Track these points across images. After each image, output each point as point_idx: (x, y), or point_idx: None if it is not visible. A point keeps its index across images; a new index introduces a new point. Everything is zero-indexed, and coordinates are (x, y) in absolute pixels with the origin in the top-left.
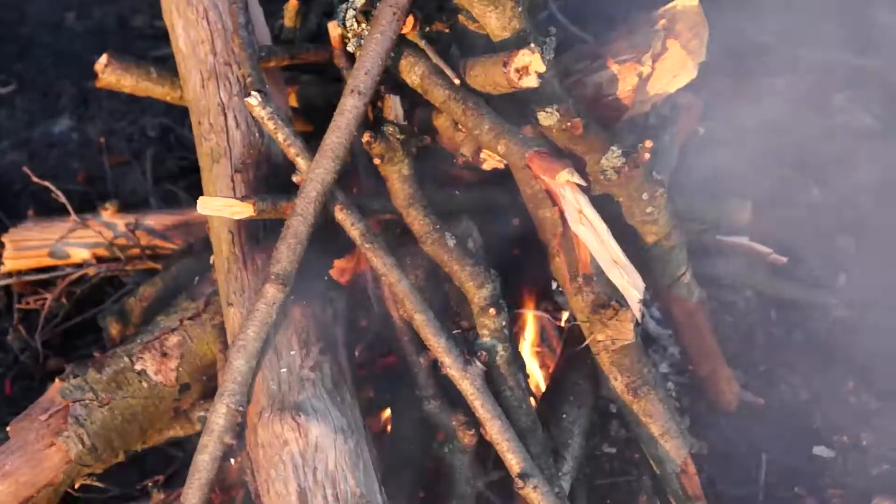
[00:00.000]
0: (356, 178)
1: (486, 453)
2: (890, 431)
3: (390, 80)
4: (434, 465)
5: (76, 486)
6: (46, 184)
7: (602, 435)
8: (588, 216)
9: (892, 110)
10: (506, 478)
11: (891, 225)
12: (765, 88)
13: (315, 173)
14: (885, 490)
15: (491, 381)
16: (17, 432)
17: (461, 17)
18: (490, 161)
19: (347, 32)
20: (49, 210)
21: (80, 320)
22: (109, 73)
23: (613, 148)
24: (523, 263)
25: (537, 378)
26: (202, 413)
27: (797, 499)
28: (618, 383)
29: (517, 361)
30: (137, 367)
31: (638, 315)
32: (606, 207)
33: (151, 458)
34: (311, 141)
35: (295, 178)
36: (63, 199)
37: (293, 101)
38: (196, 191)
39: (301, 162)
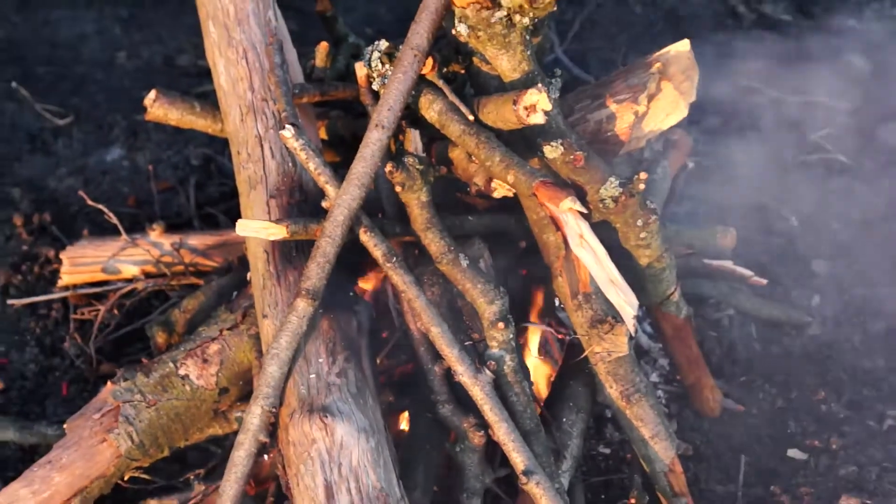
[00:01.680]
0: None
1: (493, 452)
2: (856, 437)
3: (411, 115)
4: (447, 462)
5: (125, 478)
6: (100, 206)
7: (598, 437)
8: (588, 240)
9: (863, 148)
10: (511, 474)
11: (860, 252)
12: (750, 127)
13: (342, 199)
14: (852, 489)
15: (499, 388)
16: (73, 429)
17: (475, 60)
18: (500, 190)
19: (373, 72)
20: (102, 230)
21: (130, 329)
22: (157, 108)
23: (612, 179)
24: (529, 282)
25: (540, 385)
26: (239, 414)
27: (772, 496)
28: (613, 391)
29: (523, 370)
30: (181, 372)
31: (632, 330)
32: (604, 233)
33: (193, 453)
34: (339, 170)
35: (324, 204)
36: (115, 220)
37: (323, 134)
38: (235, 214)
39: (330, 189)
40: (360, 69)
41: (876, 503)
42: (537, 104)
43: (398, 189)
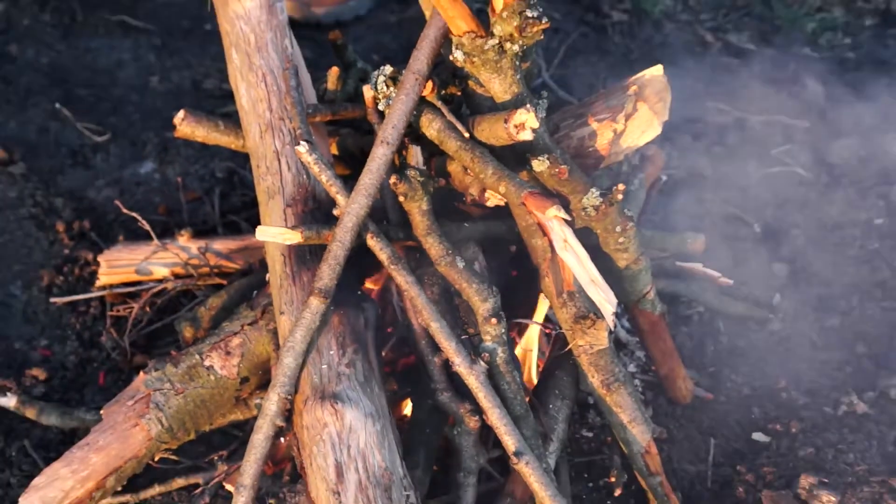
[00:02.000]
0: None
1: (487, 435)
2: (814, 422)
3: (412, 133)
4: (445, 444)
5: (155, 459)
6: (134, 214)
7: (581, 421)
8: (572, 244)
9: (818, 162)
10: (503, 455)
11: (816, 256)
12: (717, 143)
13: (351, 208)
14: (810, 469)
15: (492, 377)
16: (108, 415)
17: (470, 83)
18: (493, 199)
19: (378, 94)
20: (136, 236)
21: (160, 325)
22: (185, 126)
23: (593, 190)
24: (519, 282)
25: (530, 375)
26: (258, 401)
27: (739, 475)
28: (594, 380)
29: (513, 361)
30: (206, 363)
31: (611, 325)
32: (586, 238)
33: (216, 436)
34: (349, 182)
35: (335, 212)
36: (147, 227)
37: (334, 150)
38: (255, 221)
39: (340, 199)
40: (368, 91)
41: (832, 481)
42: (526, 123)
43: (401, 198)
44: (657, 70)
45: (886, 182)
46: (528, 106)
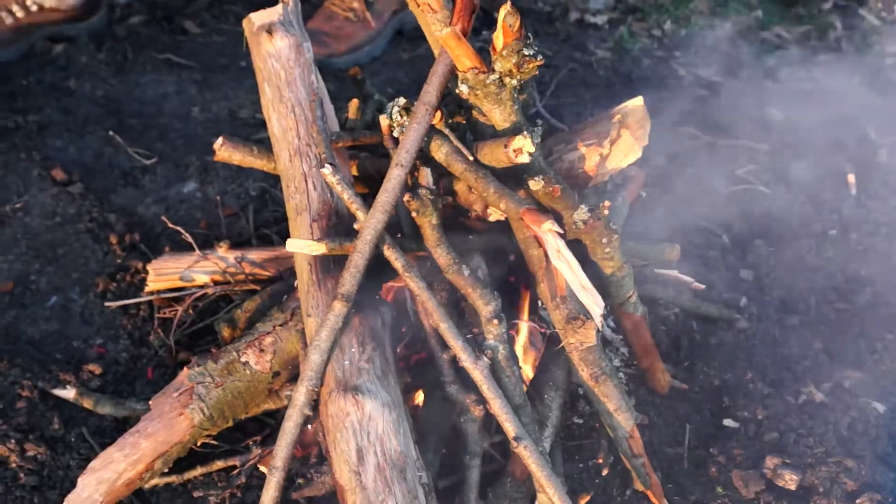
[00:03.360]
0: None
1: (489, 422)
2: (777, 409)
3: (423, 156)
4: (453, 430)
5: (197, 444)
6: (178, 228)
7: (573, 410)
8: (564, 254)
9: (778, 180)
10: (504, 440)
11: (777, 263)
12: (690, 165)
13: (370, 223)
14: (774, 451)
15: (494, 371)
16: (156, 405)
17: (474, 113)
18: (494, 215)
19: (393, 123)
20: (180, 247)
21: (202, 326)
22: (223, 151)
23: (582, 206)
24: (518, 288)
25: (527, 369)
26: (288, 392)
27: (711, 457)
28: (584, 373)
29: (513, 357)
30: (242, 359)
31: (599, 325)
32: (577, 248)
33: (251, 424)
34: (367, 199)
35: (355, 226)
36: (190, 239)
37: (354, 171)
38: (284, 234)
39: (360, 214)
40: (384, 120)
41: (794, 461)
42: (523, 148)
43: (414, 214)
44: (638, 101)
45: (838, 198)
46: (525, 133)
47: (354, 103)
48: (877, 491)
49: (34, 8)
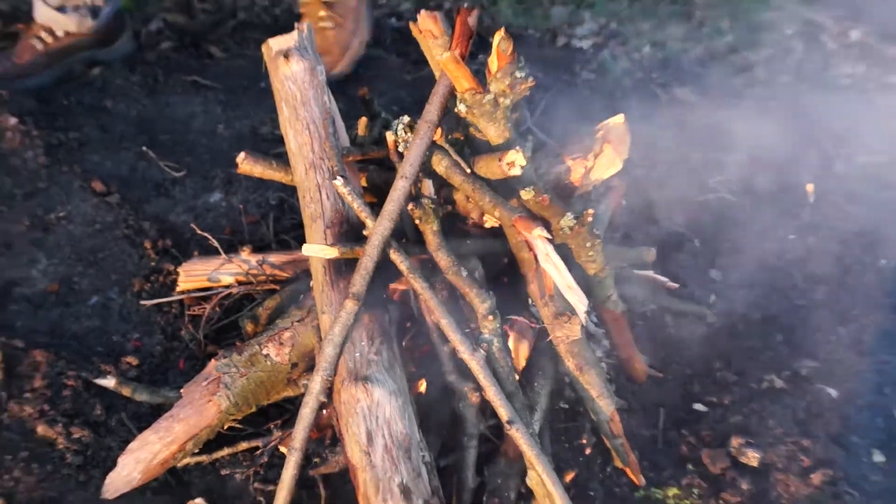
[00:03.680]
0: (405, 232)
1: (485, 408)
2: (742, 395)
3: (425, 169)
4: (453, 415)
5: (225, 427)
6: (206, 234)
7: (559, 396)
8: (552, 258)
9: (746, 189)
10: (498, 423)
11: (743, 264)
12: (665, 176)
13: (378, 229)
14: (739, 432)
15: (489, 362)
16: (187, 393)
17: (471, 129)
18: (490, 221)
19: (398, 139)
20: (207, 251)
21: (227, 322)
22: (245, 164)
23: (568, 214)
24: (510, 287)
25: (519, 360)
26: (305, 381)
27: (683, 437)
28: (570, 363)
29: (506, 349)
30: (264, 352)
31: (583, 320)
32: (563, 252)
33: (272, 409)
34: (375, 208)
35: (365, 232)
36: (216, 244)
37: (363, 183)
38: (301, 240)
39: (368, 222)
40: (390, 137)
41: (757, 441)
42: (516, 161)
43: (417, 221)
44: (619, 118)
45: (798, 205)
46: (518, 148)
47: (363, 121)
48: (829, 468)
49: (60, 33)
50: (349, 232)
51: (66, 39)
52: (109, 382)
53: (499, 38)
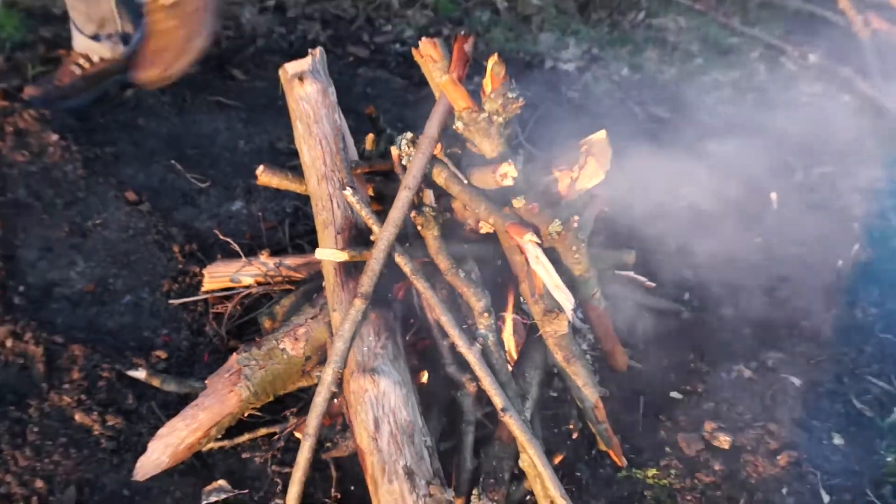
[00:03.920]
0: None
1: (481, 396)
2: (714, 384)
3: (427, 180)
4: (451, 403)
5: (245, 415)
6: (228, 239)
7: (548, 385)
8: (542, 260)
9: (715, 197)
10: (493, 410)
11: (714, 265)
12: (643, 187)
13: (383, 235)
14: (711, 418)
15: (485, 355)
16: (211, 384)
17: (468, 144)
18: (485, 228)
19: (402, 153)
20: (229, 255)
21: (247, 319)
22: (264, 176)
23: (556, 220)
24: (504, 287)
25: (512, 353)
26: (318, 373)
27: (660, 422)
28: (558, 356)
29: (500, 343)
30: (281, 346)
31: (570, 317)
32: (552, 255)
33: (289, 398)
34: (381, 216)
35: (372, 238)
36: (237, 248)
37: (370, 192)
38: (314, 244)
39: (375, 228)
40: (394, 151)
41: (727, 426)
42: (508, 173)
43: (419, 228)
44: (601, 134)
45: (763, 212)
46: (510, 161)
47: (370, 137)
48: (794, 449)
49: (96, 59)
50: (358, 237)
51: (101, 64)
52: (141, 374)
53: (492, 62)
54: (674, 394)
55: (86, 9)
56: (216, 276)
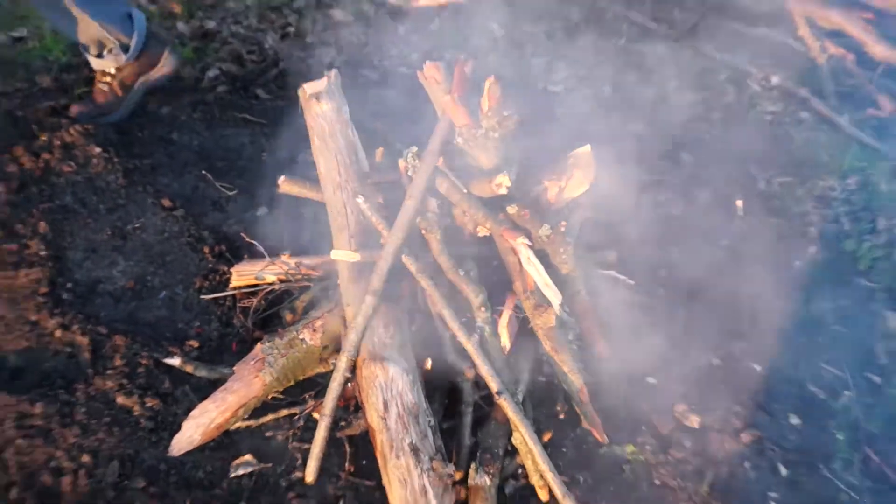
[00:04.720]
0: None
1: (479, 381)
2: (685, 371)
3: (430, 189)
4: (452, 387)
5: (269, 398)
6: (253, 242)
7: (539, 371)
8: (533, 261)
9: (687, 204)
10: (489, 394)
11: (686, 266)
12: (625, 195)
13: (392, 238)
14: (683, 400)
15: (482, 345)
16: (239, 370)
17: (467, 157)
18: (482, 231)
19: (408, 165)
20: (255, 255)
21: (271, 312)
22: (285, 185)
23: (546, 225)
24: (499, 284)
25: (506, 343)
26: (334, 360)
27: (637, 404)
28: (547, 346)
29: (496, 335)
30: (300, 336)
31: (557, 311)
32: (542, 256)
33: (307, 383)
34: (390, 221)
35: (381, 241)
36: (262, 249)
37: (380, 200)
38: (331, 246)
39: (384, 232)
40: (401, 163)
41: (697, 407)
42: (503, 183)
43: (423, 232)
44: (586, 148)
45: (730, 217)
46: (505, 172)
47: (380, 151)
48: (756, 429)
49: (113, 72)
50: (369, 240)
51: (118, 76)
52: (175, 361)
53: (489, 84)
54: (650, 379)
55: (82, 35)
56: (243, 274)
